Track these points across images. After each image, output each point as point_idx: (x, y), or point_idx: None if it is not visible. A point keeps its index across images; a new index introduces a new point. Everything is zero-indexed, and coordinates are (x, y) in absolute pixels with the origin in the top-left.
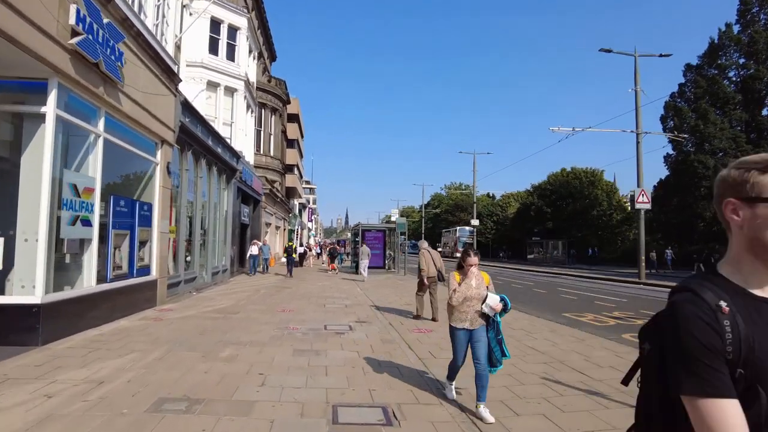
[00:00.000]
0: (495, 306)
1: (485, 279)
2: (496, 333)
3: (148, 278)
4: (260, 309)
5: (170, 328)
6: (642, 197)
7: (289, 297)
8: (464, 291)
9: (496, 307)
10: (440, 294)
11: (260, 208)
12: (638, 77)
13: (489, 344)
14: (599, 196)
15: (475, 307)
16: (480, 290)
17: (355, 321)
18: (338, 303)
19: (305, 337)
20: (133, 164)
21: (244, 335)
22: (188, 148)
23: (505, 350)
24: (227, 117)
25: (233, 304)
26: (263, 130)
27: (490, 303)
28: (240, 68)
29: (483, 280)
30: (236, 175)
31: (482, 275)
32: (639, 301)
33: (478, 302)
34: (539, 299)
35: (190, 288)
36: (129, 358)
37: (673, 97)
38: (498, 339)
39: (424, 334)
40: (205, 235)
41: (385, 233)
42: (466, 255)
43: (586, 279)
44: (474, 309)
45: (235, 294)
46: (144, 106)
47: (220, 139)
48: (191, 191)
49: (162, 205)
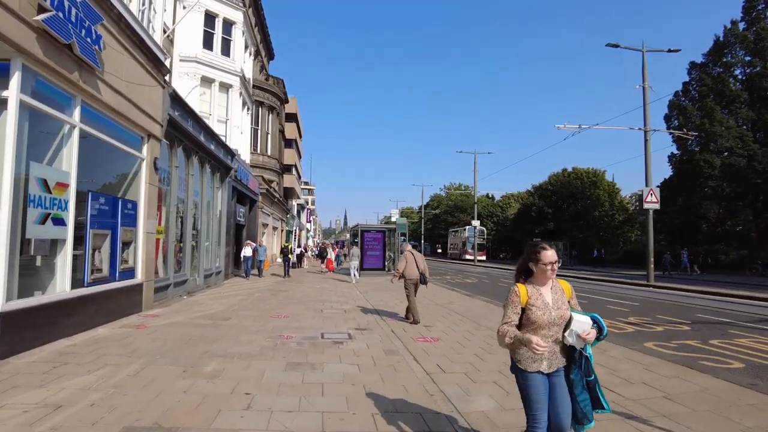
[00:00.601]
0: (586, 335)
1: (566, 290)
2: (585, 373)
3: (133, 282)
4: (253, 315)
5: (152, 337)
6: (650, 197)
7: (285, 301)
8: (539, 315)
9: (587, 336)
10: (437, 297)
11: (257, 208)
12: (646, 73)
13: (572, 390)
14: (601, 197)
15: (554, 337)
16: (561, 310)
17: (354, 328)
18: (336, 308)
19: (300, 347)
20: (116, 159)
21: (233, 345)
22: (178, 143)
23: (601, 399)
24: (222, 114)
25: (224, 309)
26: (260, 129)
27: (578, 329)
28: (235, 64)
29: (563, 292)
30: (231, 174)
31: (561, 284)
32: (653, 306)
33: (560, 329)
34: None
35: (181, 291)
36: (98, 374)
37: (678, 96)
38: (589, 383)
39: (429, 343)
40: (197, 236)
41: (385, 234)
42: (537, 251)
43: (592, 281)
44: (553, 339)
45: (228, 298)
46: (128, 97)
47: (214, 135)
48: (182, 189)
49: (148, 204)
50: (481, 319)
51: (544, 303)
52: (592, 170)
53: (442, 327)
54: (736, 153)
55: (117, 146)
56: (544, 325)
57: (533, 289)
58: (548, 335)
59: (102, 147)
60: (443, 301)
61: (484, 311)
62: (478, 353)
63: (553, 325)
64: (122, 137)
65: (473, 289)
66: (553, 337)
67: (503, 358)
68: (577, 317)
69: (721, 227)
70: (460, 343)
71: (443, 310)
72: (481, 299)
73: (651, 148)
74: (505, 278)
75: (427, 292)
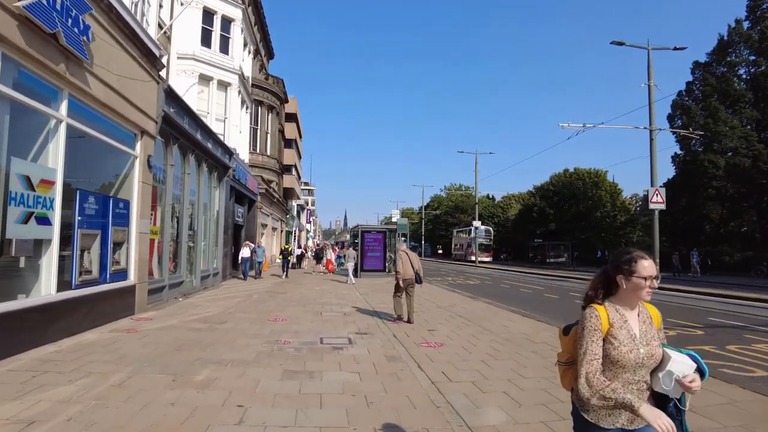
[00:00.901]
0: (689, 382)
1: (655, 318)
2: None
3: (125, 284)
4: (250, 318)
5: (143, 342)
6: (656, 197)
7: (283, 303)
8: (624, 352)
9: (690, 383)
10: (439, 299)
11: (255, 208)
12: (651, 71)
13: None
14: (603, 198)
15: (640, 382)
16: (652, 346)
17: (355, 332)
18: (336, 310)
19: (298, 353)
20: (107, 156)
21: (228, 351)
22: (174, 141)
23: None
24: (220, 112)
25: (221, 312)
26: (260, 129)
27: (677, 372)
28: (234, 62)
29: (651, 321)
30: (229, 173)
31: (648, 310)
32: (663, 308)
33: (647, 372)
34: (554, 305)
35: (177, 293)
36: (80, 384)
37: (681, 96)
38: None
39: (433, 349)
40: (194, 237)
41: (386, 234)
42: (632, 259)
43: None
44: (638, 387)
45: (225, 300)
46: (119, 92)
47: (211, 133)
48: (178, 188)
49: (142, 203)
50: (484, 322)
51: (630, 335)
52: (594, 170)
53: (446, 331)
54: (741, 153)
55: (108, 143)
56: (630, 367)
57: (616, 314)
58: (632, 380)
59: (92, 144)
60: (446, 304)
61: (487, 314)
62: (485, 359)
63: (640, 367)
64: (114, 134)
65: (475, 290)
66: (638, 384)
67: (511, 364)
68: (675, 356)
69: (725, 228)
70: (466, 348)
71: (446, 313)
72: (484, 301)
73: (656, 147)
74: (507, 280)
75: (428, 293)
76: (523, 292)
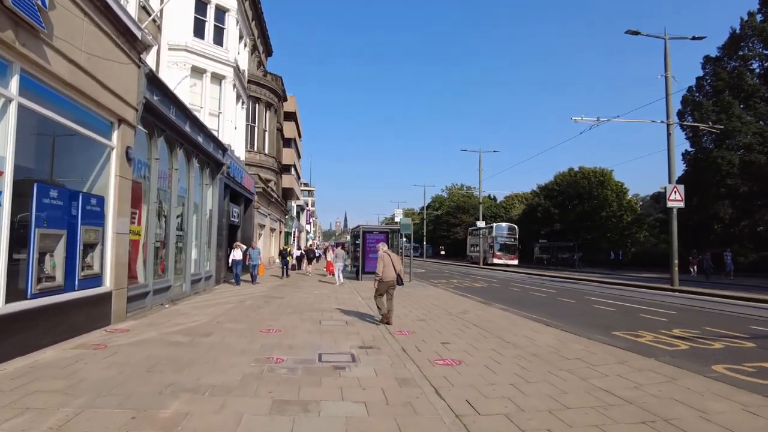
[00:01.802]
0: None
1: None
2: None
3: (99, 291)
4: (240, 328)
5: (108, 362)
6: (674, 194)
7: (279, 310)
8: None
9: None
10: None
11: (252, 208)
12: (669, 61)
13: None
14: (608, 197)
15: None
16: None
17: (358, 346)
18: (337, 318)
19: (292, 375)
20: (78, 147)
21: (208, 373)
22: (159, 133)
23: None
24: (214, 107)
25: (208, 321)
26: (257, 126)
27: None
28: (229, 54)
29: None
30: (223, 170)
31: None
32: (695, 315)
33: None
34: (573, 311)
35: (163, 299)
36: (9, 426)
37: (691, 92)
38: None
39: (451, 367)
40: (184, 237)
41: (388, 235)
42: None
43: (609, 285)
44: None
45: (216, 306)
46: (90, 72)
47: (202, 126)
48: (164, 185)
49: (119, 200)
50: (505, 333)
51: None
52: (600, 170)
53: (462, 344)
54: (756, 149)
55: (78, 131)
56: None
57: None
58: None
59: (58, 131)
60: (457, 310)
61: (505, 322)
62: (516, 383)
63: None
64: (85, 120)
65: (485, 294)
66: None
67: (547, 389)
68: None
69: (736, 228)
70: (489, 367)
71: (458, 321)
72: (498, 307)
73: (674, 142)
74: (515, 282)
75: (435, 298)
76: (535, 296)
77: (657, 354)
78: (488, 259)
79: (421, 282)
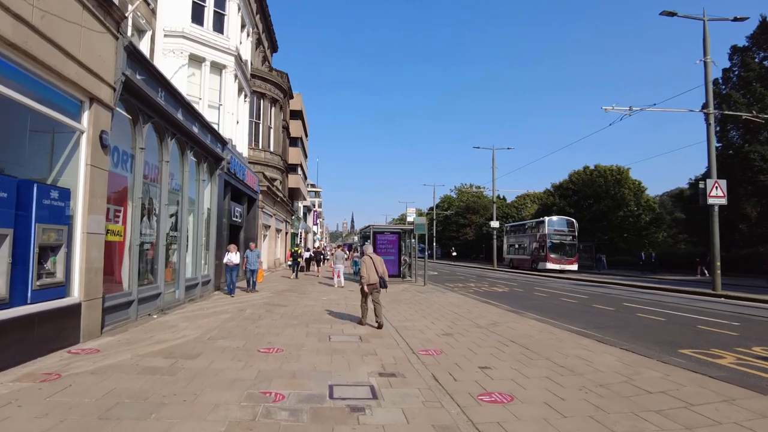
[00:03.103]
0: None
1: None
2: None
3: (63, 303)
4: (234, 347)
5: (48, 406)
6: (716, 190)
7: (282, 322)
8: None
9: None
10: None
11: (257, 207)
12: (708, 45)
13: None
14: (626, 196)
15: None
16: None
17: (378, 373)
18: (349, 332)
19: (294, 424)
20: (33, 127)
21: (182, 422)
22: (145, 119)
23: None
24: (214, 99)
25: (197, 337)
26: (262, 123)
27: None
28: (230, 42)
29: None
30: (222, 166)
31: None
32: (764, 327)
33: None
34: (616, 322)
35: (152, 309)
36: None
37: (717, 84)
38: None
39: (503, 406)
40: (178, 239)
41: (401, 236)
42: None
43: (641, 289)
44: None
45: (210, 317)
46: (45, 34)
47: (197, 115)
48: (155, 180)
49: (91, 194)
50: (552, 353)
51: None
52: (617, 168)
53: (506, 370)
54: None
55: (31, 107)
56: None
57: None
58: None
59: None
60: (485, 321)
61: (547, 338)
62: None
63: None
64: (43, 96)
65: (509, 300)
66: None
67: None
68: None
69: (763, 228)
70: (551, 405)
71: (492, 337)
72: (532, 317)
73: (714, 133)
74: (538, 286)
75: (456, 305)
76: (566, 303)
77: (757, 385)
78: (539, 263)
79: (436, 286)
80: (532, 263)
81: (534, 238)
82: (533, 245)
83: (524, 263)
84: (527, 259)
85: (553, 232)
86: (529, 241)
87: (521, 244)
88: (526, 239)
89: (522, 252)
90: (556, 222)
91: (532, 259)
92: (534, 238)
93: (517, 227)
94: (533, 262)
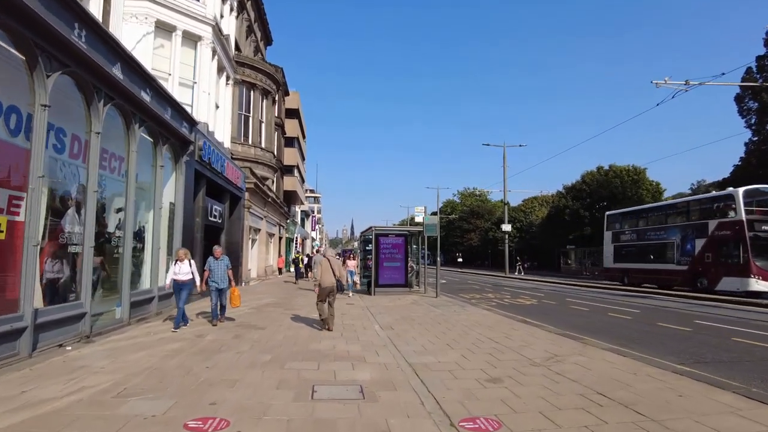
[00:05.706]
0: None
1: None
2: None
3: None
4: (149, 414)
5: None
6: None
7: (249, 357)
8: None
9: None
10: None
11: (242, 207)
12: None
13: None
14: (644, 197)
15: None
16: None
17: None
18: (343, 377)
19: None
20: None
21: None
22: (57, 66)
23: None
24: (188, 76)
25: (103, 391)
26: (252, 117)
27: None
28: (206, 9)
29: None
30: (191, 151)
31: None
32: None
33: None
34: (730, 355)
35: (68, 337)
36: None
37: (750, 73)
38: None
39: None
40: (122, 239)
41: (407, 239)
42: None
43: (694, 300)
44: None
45: (149, 348)
46: None
47: (149, 78)
48: (77, 157)
49: None
50: (688, 424)
51: None
52: (633, 168)
53: None
54: None
55: None
56: None
57: None
58: None
59: None
60: (536, 354)
61: (653, 388)
62: None
63: None
64: None
65: (548, 318)
66: None
67: None
68: None
69: None
70: None
71: (565, 386)
72: (601, 345)
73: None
74: (570, 297)
75: (487, 327)
76: (619, 320)
77: None
78: (719, 278)
79: (450, 297)
80: (695, 277)
81: (696, 230)
82: (698, 245)
83: (665, 277)
84: (677, 271)
85: (759, 218)
86: (681, 239)
87: (654, 244)
88: (671, 235)
89: (657, 258)
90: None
91: (694, 271)
92: (696, 230)
93: (643, 212)
94: (698, 275)
